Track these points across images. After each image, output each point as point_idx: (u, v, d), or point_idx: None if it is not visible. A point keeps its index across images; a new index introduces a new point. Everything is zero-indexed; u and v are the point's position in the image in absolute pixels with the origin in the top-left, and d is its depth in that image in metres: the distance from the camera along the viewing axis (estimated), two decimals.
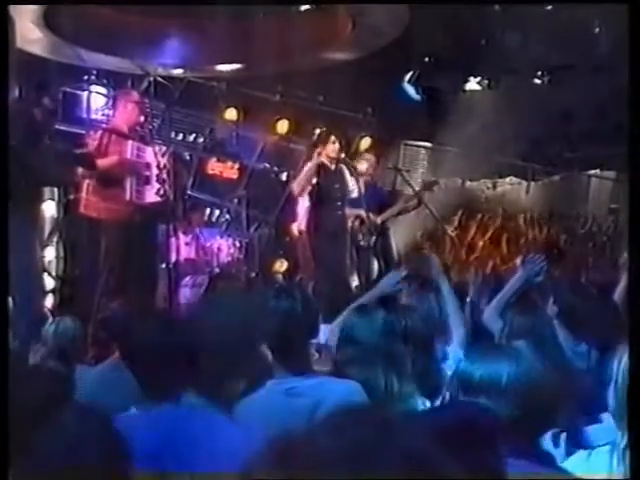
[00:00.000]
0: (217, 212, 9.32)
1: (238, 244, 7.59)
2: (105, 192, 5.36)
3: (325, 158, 6.47)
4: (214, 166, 9.21)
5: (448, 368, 3.13)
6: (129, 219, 5.31)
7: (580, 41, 9.00)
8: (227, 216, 9.31)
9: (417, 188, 8.87)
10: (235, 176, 9.43)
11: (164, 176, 5.33)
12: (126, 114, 5.56)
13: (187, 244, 7.13)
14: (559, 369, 3.03)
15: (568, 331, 3.41)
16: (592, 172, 12.09)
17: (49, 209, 6.18)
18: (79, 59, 7.04)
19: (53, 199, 6.20)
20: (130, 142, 5.44)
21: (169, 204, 5.35)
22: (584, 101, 10.26)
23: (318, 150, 6.52)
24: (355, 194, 6.60)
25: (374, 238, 6.86)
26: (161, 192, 5.31)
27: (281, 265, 9.25)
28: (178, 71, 7.64)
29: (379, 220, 7.09)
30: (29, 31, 6.38)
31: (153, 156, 5.44)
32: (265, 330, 2.59)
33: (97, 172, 5.34)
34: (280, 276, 9.11)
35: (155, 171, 5.40)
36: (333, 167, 6.50)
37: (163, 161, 5.39)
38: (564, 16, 8.39)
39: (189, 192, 8.92)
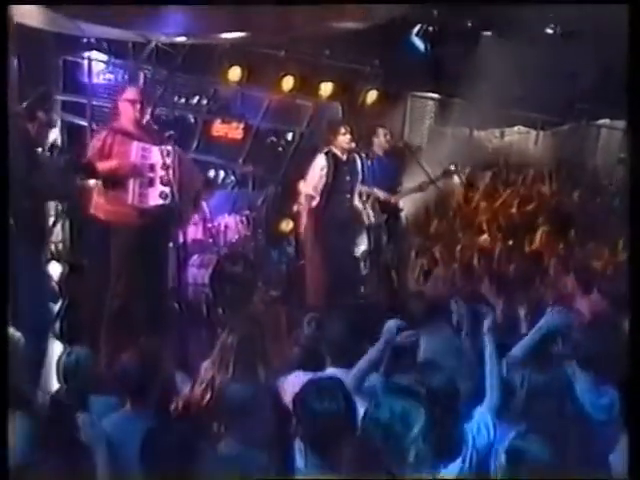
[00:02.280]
0: (222, 174, 9.25)
1: (245, 220, 7.54)
2: (110, 195, 5.27)
3: (337, 149, 6.34)
4: (219, 128, 9.09)
5: (470, 430, 3.11)
6: (134, 223, 5.23)
7: None
8: (232, 177, 9.24)
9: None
10: (240, 136, 9.31)
11: (169, 177, 5.22)
12: (130, 113, 5.41)
13: (194, 224, 7.07)
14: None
15: (590, 379, 3.39)
16: (602, 122, 11.90)
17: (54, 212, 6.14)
18: (79, 30, 6.86)
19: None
20: (135, 143, 5.31)
21: (175, 206, 5.26)
22: (595, 54, 9.99)
23: (328, 142, 6.36)
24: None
25: (386, 217, 6.79)
26: (165, 194, 5.21)
27: (287, 225, 9.22)
28: (180, 39, 7.44)
29: (393, 200, 7.00)
30: (28, 7, 6.17)
31: (159, 156, 5.31)
32: (302, 429, 2.52)
33: (101, 175, 5.24)
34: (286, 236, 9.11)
35: (160, 172, 5.28)
36: (345, 157, 6.37)
37: (168, 161, 5.26)
38: None
39: (192, 155, 8.86)
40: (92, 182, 5.33)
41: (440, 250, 8.07)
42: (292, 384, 3.53)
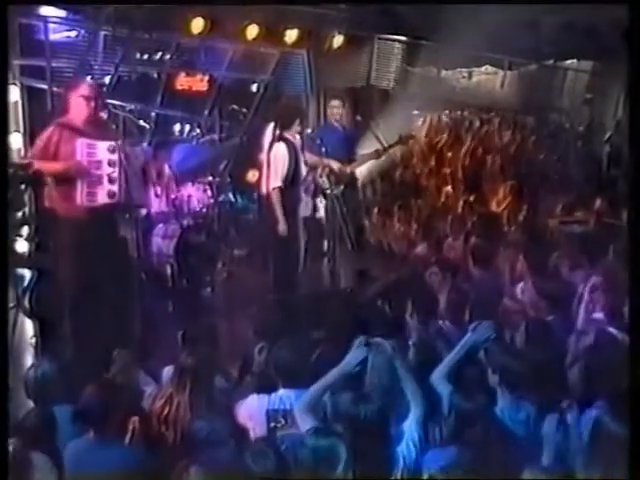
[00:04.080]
0: (187, 127, 9.24)
1: (208, 187, 7.60)
2: (61, 191, 5.34)
3: (289, 135, 6.41)
4: (183, 81, 9.01)
5: (400, 452, 3.35)
6: (85, 219, 5.31)
7: None
8: (197, 130, 9.23)
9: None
10: (205, 89, 9.24)
11: (116, 174, 5.26)
12: (82, 109, 5.38)
13: (157, 196, 7.13)
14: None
15: (510, 397, 3.64)
16: (569, 62, 11.91)
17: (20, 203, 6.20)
18: None
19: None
20: (80, 140, 5.31)
21: (122, 204, 5.34)
22: None
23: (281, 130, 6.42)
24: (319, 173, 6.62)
25: (342, 187, 6.91)
26: (113, 192, 5.28)
27: (253, 175, 9.30)
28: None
29: (348, 170, 7.10)
30: None
31: (105, 152, 5.32)
32: None
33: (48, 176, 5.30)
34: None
35: (107, 170, 5.31)
36: (297, 141, 6.45)
37: (114, 157, 5.28)
38: None
39: (157, 110, 8.83)
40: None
41: (398, 209, 8.27)
42: (247, 407, 3.80)
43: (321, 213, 6.83)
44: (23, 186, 6.35)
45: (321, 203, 6.82)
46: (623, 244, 5.63)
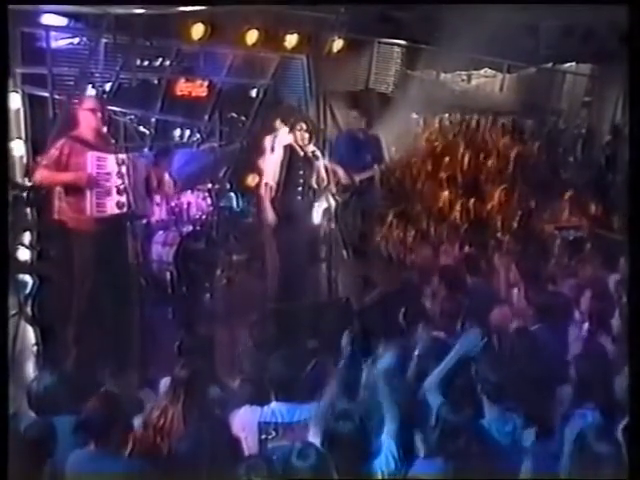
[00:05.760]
0: (188, 132, 9.33)
1: (207, 194, 7.68)
2: (70, 202, 5.42)
3: (297, 145, 6.51)
4: (183, 87, 9.09)
5: (379, 465, 3.42)
6: (94, 230, 5.40)
7: None
8: (198, 135, 9.32)
9: None
10: (204, 94, 9.33)
11: (124, 186, 5.35)
12: (90, 122, 5.48)
13: (157, 204, 7.22)
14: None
15: (496, 408, 3.71)
16: (567, 65, 11.97)
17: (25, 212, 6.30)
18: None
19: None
20: (90, 153, 5.41)
21: (131, 214, 5.43)
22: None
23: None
24: (321, 186, 6.70)
25: (348, 195, 6.98)
26: (121, 203, 5.37)
27: (253, 179, 9.38)
28: (139, 10, 7.38)
29: (357, 179, 7.20)
30: None
31: (114, 165, 5.42)
32: None
33: (59, 185, 5.39)
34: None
35: (116, 181, 5.40)
36: (302, 154, 6.54)
37: (123, 170, 5.37)
38: None
39: (157, 116, 8.91)
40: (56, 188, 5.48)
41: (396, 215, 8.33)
42: (240, 418, 3.88)
43: (320, 220, 6.89)
44: (25, 196, 6.50)
45: (320, 209, 6.87)
46: (616, 252, 5.70)
